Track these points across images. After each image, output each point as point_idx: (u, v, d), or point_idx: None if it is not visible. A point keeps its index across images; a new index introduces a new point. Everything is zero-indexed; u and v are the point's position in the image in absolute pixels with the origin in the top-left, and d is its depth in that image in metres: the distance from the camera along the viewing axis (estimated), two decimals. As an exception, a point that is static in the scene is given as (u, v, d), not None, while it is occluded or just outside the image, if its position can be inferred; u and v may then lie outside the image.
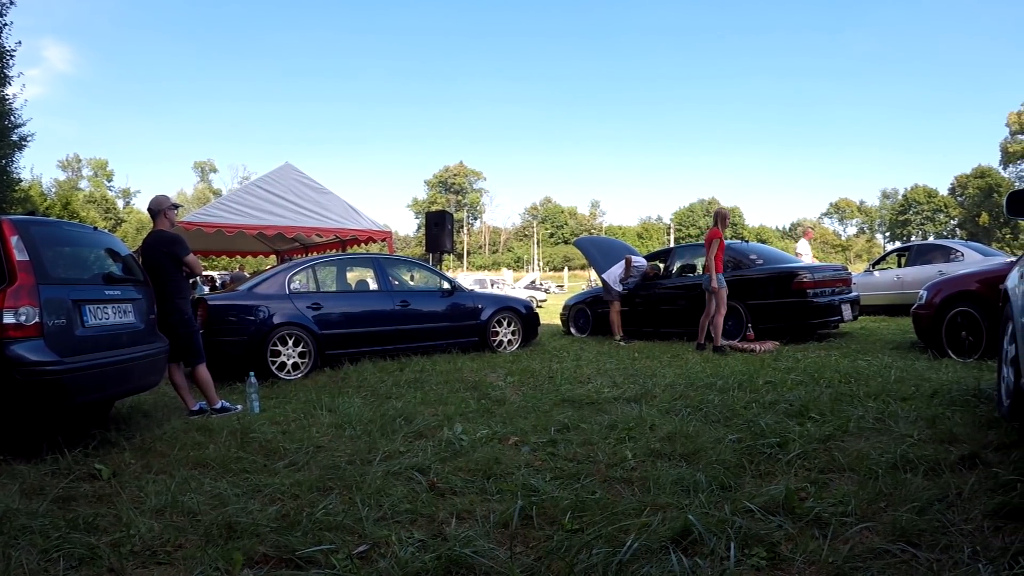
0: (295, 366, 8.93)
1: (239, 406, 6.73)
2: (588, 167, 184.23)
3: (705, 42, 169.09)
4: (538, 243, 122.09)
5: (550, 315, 19.64)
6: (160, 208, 6.66)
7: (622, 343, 12.07)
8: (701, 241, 11.64)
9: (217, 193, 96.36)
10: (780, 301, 10.79)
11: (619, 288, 12.76)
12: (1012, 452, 4.04)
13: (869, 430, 4.86)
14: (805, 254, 17.20)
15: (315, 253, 17.48)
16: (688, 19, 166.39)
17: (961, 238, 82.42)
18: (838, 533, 3.05)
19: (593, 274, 34.21)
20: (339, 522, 3.35)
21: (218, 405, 6.61)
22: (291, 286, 9.47)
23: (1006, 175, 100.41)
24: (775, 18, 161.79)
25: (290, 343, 8.93)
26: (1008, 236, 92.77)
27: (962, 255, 14.94)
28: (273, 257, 20.33)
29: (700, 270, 12.77)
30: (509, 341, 11.68)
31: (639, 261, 13.11)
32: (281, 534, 3.20)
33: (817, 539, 3.00)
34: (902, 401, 5.71)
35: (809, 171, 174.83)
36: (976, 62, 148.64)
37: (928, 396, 5.86)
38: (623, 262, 12.86)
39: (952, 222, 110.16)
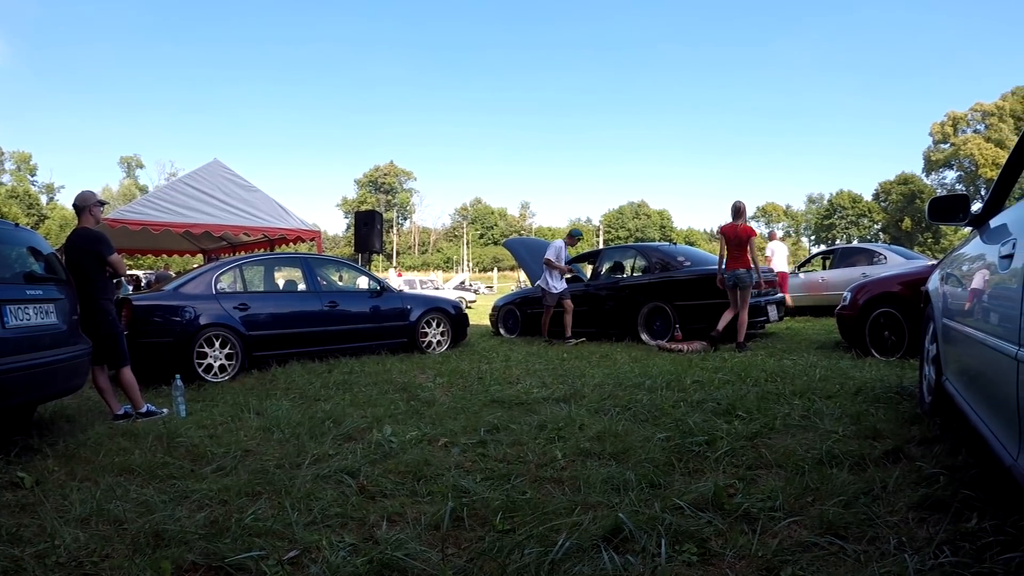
0: (222, 368, 8.82)
1: (165, 410, 6.61)
2: (519, 168, 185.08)
3: (635, 51, 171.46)
4: (468, 244, 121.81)
5: (479, 316, 19.65)
6: (85, 205, 6.50)
7: (556, 343, 12.05)
8: (630, 243, 11.77)
9: (143, 190, 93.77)
10: (707, 302, 10.96)
11: (558, 288, 12.60)
12: (934, 446, 4.18)
13: (795, 427, 4.98)
14: (778, 255, 17.10)
15: (243, 252, 17.29)
16: (619, 29, 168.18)
17: (884, 242, 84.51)
18: (767, 527, 3.13)
19: (523, 275, 34.29)
20: (269, 528, 3.32)
21: (143, 409, 6.48)
22: (218, 286, 9.35)
23: (928, 182, 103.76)
24: (705, 28, 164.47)
25: (217, 344, 8.82)
26: (930, 240, 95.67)
27: (885, 258, 15.39)
28: (200, 256, 19.92)
29: (629, 271, 12.93)
30: (438, 342, 11.68)
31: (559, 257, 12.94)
32: (210, 541, 3.16)
33: (746, 534, 3.06)
34: (827, 399, 5.86)
35: (737, 176, 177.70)
36: (901, 73, 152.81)
37: (852, 394, 6.05)
38: (548, 269, 12.77)
39: (876, 226, 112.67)
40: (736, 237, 10.38)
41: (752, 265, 10.27)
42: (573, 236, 13.26)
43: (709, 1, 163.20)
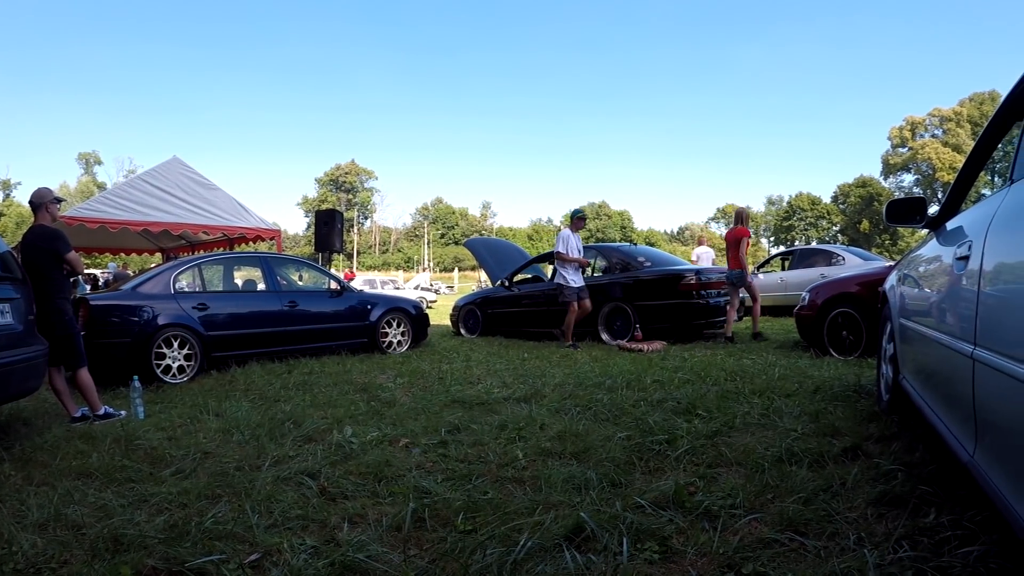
0: (180, 369, 8.71)
1: (123, 412, 6.53)
2: (480, 168, 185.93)
3: (598, 54, 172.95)
4: (429, 244, 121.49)
5: (440, 316, 19.61)
6: (42, 202, 6.40)
7: (575, 347, 10.96)
8: (591, 243, 11.81)
9: (102, 187, 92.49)
10: (667, 302, 11.04)
11: (577, 282, 11.51)
12: (892, 443, 4.25)
13: (755, 425, 5.02)
14: (703, 260, 17.38)
15: (202, 251, 17.13)
16: (582, 31, 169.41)
17: (843, 243, 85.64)
18: (728, 525, 3.15)
19: (483, 275, 34.27)
20: (229, 531, 3.28)
21: (101, 411, 6.38)
22: (176, 285, 9.23)
23: (886, 185, 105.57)
24: (666, 31, 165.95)
25: (175, 345, 8.71)
26: (887, 242, 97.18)
27: (843, 259, 15.66)
28: (158, 255, 19.72)
29: (589, 272, 12.96)
30: (399, 342, 11.65)
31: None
32: (169, 545, 3.11)
33: (707, 531, 3.08)
34: (786, 397, 5.93)
35: (698, 177, 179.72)
36: (861, 78, 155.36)
37: (811, 392, 6.11)
38: (561, 264, 11.63)
39: (834, 228, 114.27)
40: (729, 239, 11.54)
41: (740, 265, 11.25)
42: (579, 218, 12.23)
43: (671, 5, 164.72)
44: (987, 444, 2.32)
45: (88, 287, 17.01)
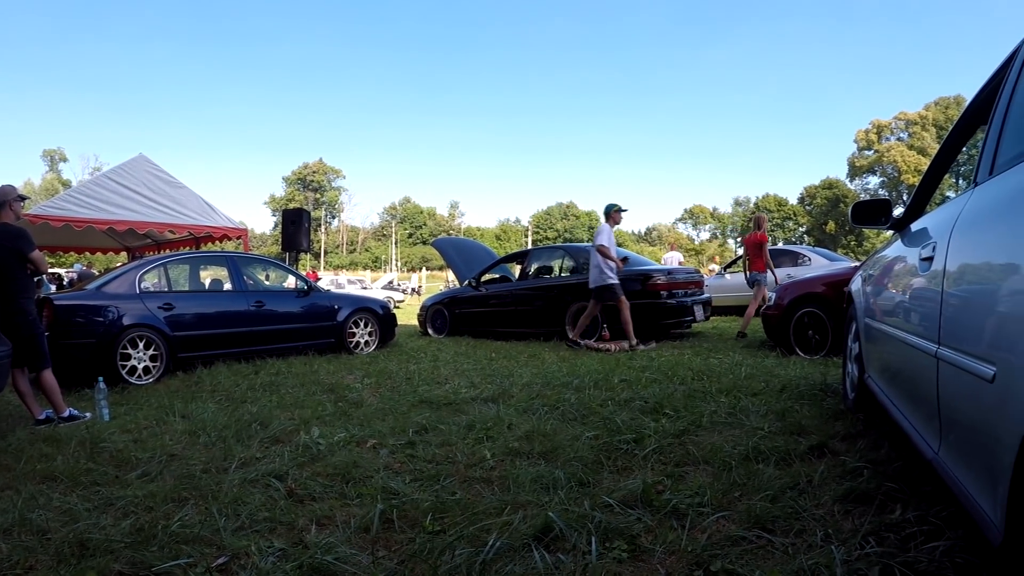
0: (146, 370, 8.61)
1: (88, 414, 6.44)
2: (448, 168, 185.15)
3: (564, 54, 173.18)
4: (396, 243, 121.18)
5: (407, 316, 19.58)
6: (5, 200, 6.29)
7: (640, 347, 10.45)
8: (559, 243, 11.85)
9: (66, 184, 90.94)
10: (634, 302, 11.08)
11: (616, 279, 10.90)
12: (858, 441, 4.31)
13: (722, 424, 5.07)
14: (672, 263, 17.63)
15: (168, 250, 16.94)
16: (549, 32, 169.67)
17: (809, 244, 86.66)
18: (696, 523, 3.17)
19: (451, 274, 34.26)
20: (196, 534, 3.25)
21: (66, 413, 6.29)
22: (142, 285, 9.13)
23: (852, 187, 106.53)
24: (633, 33, 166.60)
25: (141, 346, 8.60)
26: (853, 243, 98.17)
27: (809, 260, 15.84)
28: (124, 254, 19.46)
29: (557, 271, 12.99)
30: (366, 342, 11.60)
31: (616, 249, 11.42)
32: (136, 550, 3.08)
33: (676, 530, 3.09)
34: (753, 396, 5.99)
35: (665, 178, 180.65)
36: (828, 81, 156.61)
37: (777, 391, 6.18)
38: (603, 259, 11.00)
39: (801, 229, 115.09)
40: (749, 244, 12.20)
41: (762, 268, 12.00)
42: (616, 212, 11.33)
43: (638, 8, 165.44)
44: (951, 441, 2.35)
45: (53, 287, 16.81)
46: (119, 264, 13.10)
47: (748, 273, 12.13)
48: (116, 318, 8.57)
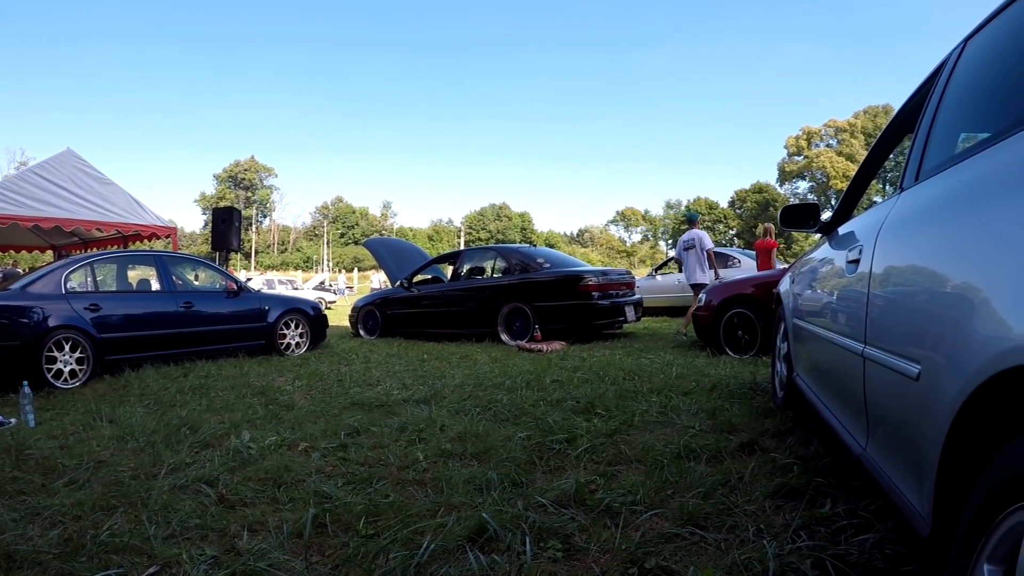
0: (72, 373, 8.37)
1: (12, 420, 6.23)
2: (380, 168, 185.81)
3: (497, 56, 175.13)
4: (328, 243, 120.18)
5: (339, 317, 19.42)
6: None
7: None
8: (491, 244, 11.95)
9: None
10: (567, 303, 11.16)
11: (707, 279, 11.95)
12: (787, 438, 4.41)
13: (653, 423, 5.13)
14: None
15: (95, 249, 16.58)
16: (482, 34, 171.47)
17: (739, 247, 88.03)
18: (629, 521, 3.19)
19: (382, 275, 34.07)
20: (126, 543, 3.17)
21: (-13, 418, 6.14)
22: (68, 285, 8.88)
23: (782, 191, 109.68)
24: (567, 36, 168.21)
25: (67, 348, 8.36)
26: (782, 246, 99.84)
27: (739, 262, 16.17)
28: (50, 253, 19.03)
29: (489, 272, 13.01)
30: (297, 344, 11.48)
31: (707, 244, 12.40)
32: (65, 560, 3.00)
33: (609, 528, 3.11)
34: (684, 395, 6.08)
35: (597, 181, 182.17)
36: (760, 88, 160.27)
37: (708, 390, 6.29)
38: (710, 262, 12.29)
39: (731, 232, 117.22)
40: (759, 248, 13.35)
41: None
42: (694, 220, 13.00)
43: (572, 10, 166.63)
44: (879, 437, 2.41)
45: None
46: (45, 263, 12.77)
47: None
48: (41, 320, 8.33)
